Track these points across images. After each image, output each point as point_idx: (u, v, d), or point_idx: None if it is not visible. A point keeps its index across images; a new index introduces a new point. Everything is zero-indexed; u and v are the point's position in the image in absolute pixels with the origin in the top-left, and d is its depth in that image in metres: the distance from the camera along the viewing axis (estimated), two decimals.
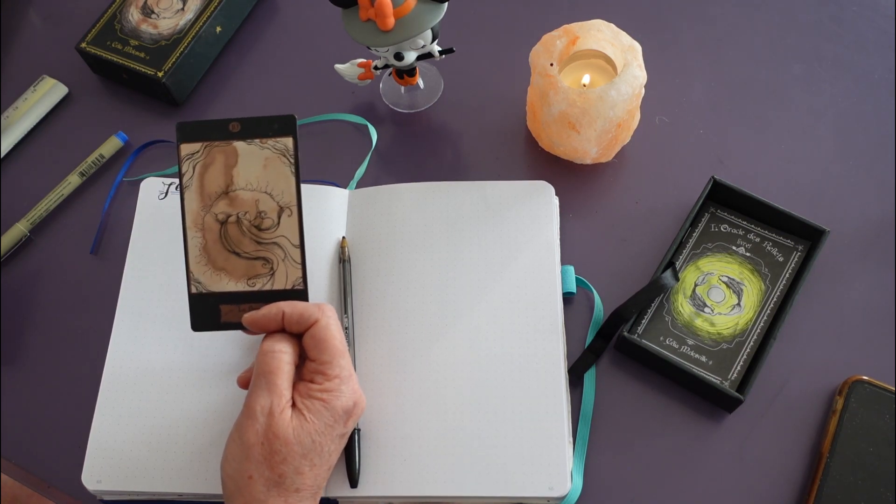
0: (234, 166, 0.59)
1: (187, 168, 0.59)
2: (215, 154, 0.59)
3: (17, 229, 0.71)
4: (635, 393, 0.64)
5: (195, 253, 0.59)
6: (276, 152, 0.59)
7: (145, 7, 0.78)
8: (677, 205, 0.71)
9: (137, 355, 0.64)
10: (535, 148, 0.73)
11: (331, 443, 0.54)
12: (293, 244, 0.59)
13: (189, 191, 0.59)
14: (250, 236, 0.59)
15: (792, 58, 0.77)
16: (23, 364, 0.67)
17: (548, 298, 0.64)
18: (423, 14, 0.63)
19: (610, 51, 0.69)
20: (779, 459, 0.61)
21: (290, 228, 0.59)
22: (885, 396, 0.61)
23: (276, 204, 0.59)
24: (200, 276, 0.59)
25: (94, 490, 0.60)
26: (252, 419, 0.53)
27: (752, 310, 0.65)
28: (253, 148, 0.59)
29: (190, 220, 0.59)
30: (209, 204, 0.59)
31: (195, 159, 0.59)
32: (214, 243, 0.59)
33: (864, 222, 0.69)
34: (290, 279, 0.58)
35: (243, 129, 0.59)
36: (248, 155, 0.59)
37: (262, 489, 0.52)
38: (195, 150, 0.59)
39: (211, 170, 0.59)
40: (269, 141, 0.59)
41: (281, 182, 0.59)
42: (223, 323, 0.58)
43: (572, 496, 0.58)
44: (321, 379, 0.55)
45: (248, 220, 0.59)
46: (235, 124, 0.59)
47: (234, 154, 0.59)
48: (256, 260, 0.59)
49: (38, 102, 0.78)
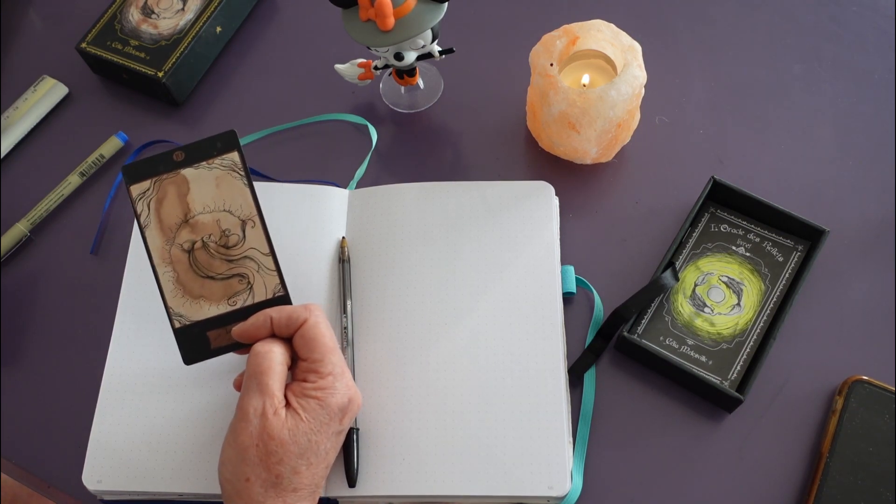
0: (188, 193, 0.59)
1: (142, 208, 0.59)
2: (166, 187, 0.59)
3: (17, 229, 0.71)
4: (635, 393, 0.64)
5: (169, 288, 0.59)
6: (225, 169, 0.59)
7: (145, 7, 0.78)
8: (677, 205, 0.71)
9: (138, 355, 0.64)
10: (535, 148, 0.73)
11: (327, 441, 0.54)
12: (263, 253, 0.59)
13: (149, 229, 0.59)
14: (220, 257, 0.59)
15: (792, 58, 0.78)
16: (23, 364, 0.67)
17: (548, 298, 0.64)
18: (423, 14, 0.63)
19: (610, 51, 0.69)
20: (779, 459, 0.61)
21: (257, 239, 0.59)
22: (885, 396, 0.61)
23: (237, 219, 0.59)
24: (180, 308, 0.58)
25: (94, 490, 0.60)
26: (245, 421, 0.53)
27: (752, 310, 0.65)
28: (201, 171, 0.59)
29: (157, 256, 0.59)
30: (171, 237, 0.59)
31: (147, 196, 0.59)
32: (186, 273, 0.59)
33: (864, 222, 0.69)
34: (270, 288, 0.59)
35: (188, 156, 0.59)
36: (198, 179, 0.59)
37: (259, 491, 0.52)
38: (145, 188, 0.59)
39: (165, 203, 0.59)
40: (216, 160, 0.59)
41: (237, 196, 0.59)
42: (214, 349, 0.58)
43: (572, 496, 0.58)
44: (314, 377, 0.55)
45: (214, 242, 0.59)
46: (179, 153, 0.59)
47: (184, 182, 0.59)
48: (232, 278, 0.59)
49: (38, 102, 0.78)
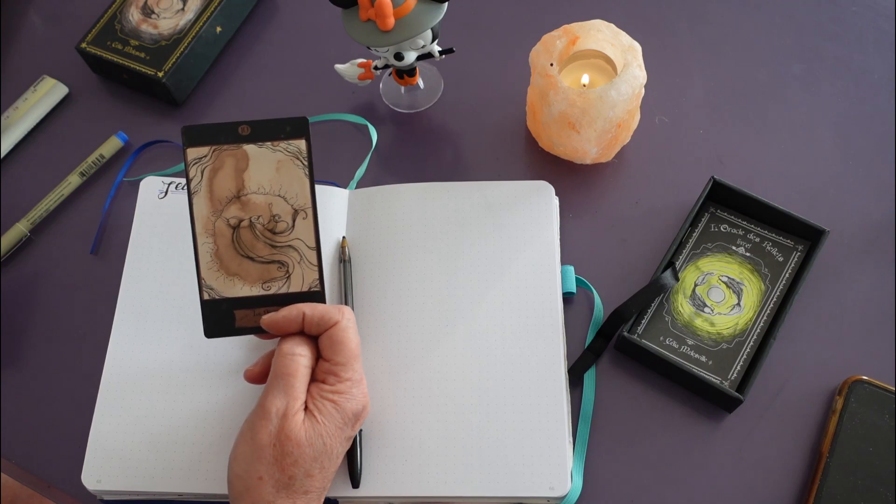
0: (245, 170, 0.58)
1: (195, 173, 0.57)
2: (224, 158, 0.57)
3: (17, 229, 0.71)
4: (635, 393, 0.64)
5: (206, 259, 0.57)
6: (289, 155, 0.58)
7: (145, 7, 0.78)
8: (677, 205, 0.71)
9: (137, 355, 0.64)
10: (535, 148, 0.73)
11: (339, 445, 0.54)
12: (309, 246, 0.58)
13: (198, 196, 0.57)
14: (264, 240, 0.58)
15: (792, 58, 0.78)
16: (23, 364, 0.67)
17: (548, 298, 0.64)
18: (423, 14, 0.63)
19: (610, 51, 0.69)
20: (779, 459, 0.61)
21: (306, 231, 0.58)
22: (885, 396, 0.61)
23: (290, 207, 0.58)
24: (213, 282, 0.57)
25: (93, 490, 0.60)
26: (266, 419, 0.53)
27: (752, 310, 0.65)
28: (264, 151, 0.58)
29: (200, 225, 0.57)
30: (220, 209, 0.58)
31: (203, 163, 0.57)
32: (227, 248, 0.58)
33: (864, 222, 0.69)
34: (307, 281, 0.58)
35: (253, 132, 0.58)
36: (259, 158, 0.58)
37: (271, 491, 0.52)
38: (203, 154, 0.57)
39: (220, 174, 0.57)
40: (281, 143, 0.58)
41: (295, 185, 0.58)
42: (238, 328, 0.57)
43: (572, 496, 0.58)
44: (333, 380, 0.55)
45: (262, 224, 0.58)
46: (245, 127, 0.57)
47: (244, 158, 0.58)
48: (271, 264, 0.58)
49: (38, 102, 0.78)
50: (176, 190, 0.70)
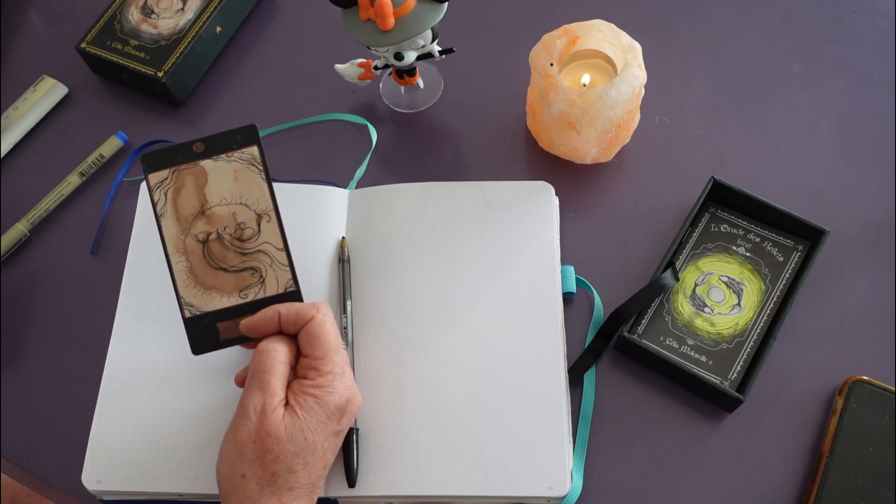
0: (206, 185, 0.59)
1: (159, 196, 0.59)
2: (184, 177, 0.59)
3: (17, 229, 0.71)
4: (635, 393, 0.64)
5: (182, 277, 0.59)
6: (244, 163, 0.59)
7: (145, 7, 0.78)
8: (677, 205, 0.71)
9: (138, 355, 0.64)
10: (535, 148, 0.73)
11: (324, 440, 0.54)
12: (277, 248, 0.59)
13: (165, 218, 0.59)
14: (234, 249, 0.59)
15: (792, 58, 0.78)
16: (23, 364, 0.67)
17: (548, 298, 0.64)
18: (423, 14, 0.63)
19: (610, 51, 0.69)
20: (779, 459, 0.61)
21: (272, 233, 0.59)
22: (885, 396, 0.61)
23: (253, 213, 0.59)
24: (191, 298, 0.58)
25: (93, 490, 0.60)
26: (245, 418, 0.53)
27: (752, 310, 0.65)
28: (220, 164, 0.59)
29: (171, 246, 0.59)
30: (187, 227, 0.59)
31: (165, 186, 0.59)
32: (199, 263, 0.59)
33: (864, 222, 0.69)
34: (281, 283, 0.59)
35: (207, 148, 0.60)
36: (216, 171, 0.59)
37: (255, 488, 0.52)
38: (164, 177, 0.59)
39: (183, 193, 0.59)
40: (235, 153, 0.59)
41: (254, 190, 0.59)
42: (223, 341, 0.58)
43: (572, 496, 0.58)
44: (314, 374, 0.55)
45: (229, 234, 0.59)
46: (199, 144, 0.60)
47: (202, 173, 0.59)
48: (244, 271, 0.59)
49: (38, 102, 0.78)
50: None
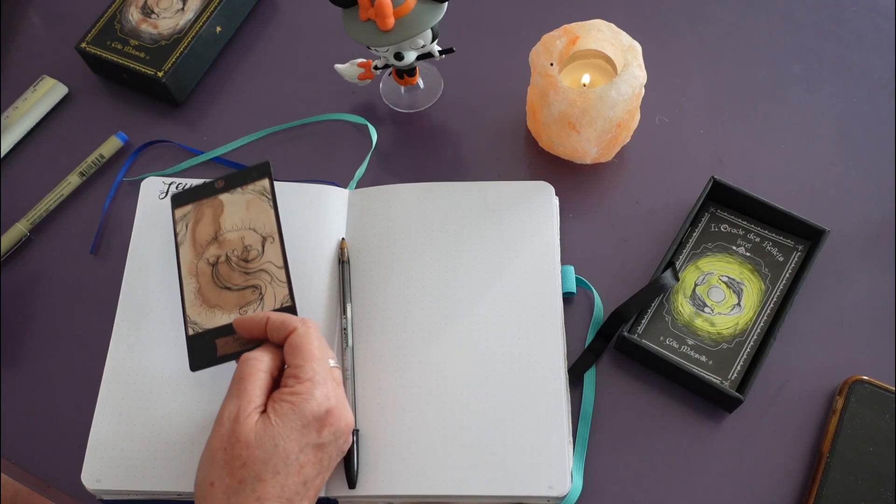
0: (221, 215, 0.65)
1: (181, 228, 0.65)
2: (204, 209, 0.65)
3: (17, 229, 0.71)
4: (635, 393, 0.64)
5: (191, 298, 0.62)
6: (256, 193, 0.65)
7: (145, 7, 0.78)
8: (677, 205, 0.71)
9: (138, 354, 0.64)
10: (535, 148, 0.73)
11: (300, 451, 0.52)
12: (277, 266, 0.62)
13: (183, 246, 0.64)
14: (239, 270, 0.63)
15: (792, 58, 0.78)
16: (23, 364, 0.67)
17: (548, 298, 0.64)
18: (423, 14, 0.63)
19: (610, 51, 0.69)
20: (779, 459, 0.61)
21: (274, 253, 0.63)
22: (885, 396, 0.61)
23: (259, 235, 0.64)
24: (196, 317, 0.62)
25: (93, 489, 0.60)
26: (220, 424, 0.53)
27: (752, 310, 0.65)
28: (236, 196, 0.65)
29: (185, 269, 0.63)
30: (201, 252, 0.64)
31: (187, 219, 0.65)
32: (208, 284, 0.63)
33: (864, 222, 0.69)
34: (279, 299, 0.61)
35: (227, 184, 0.66)
36: (232, 202, 0.65)
37: (221, 497, 0.50)
38: (187, 211, 0.66)
39: (202, 223, 0.65)
40: (249, 186, 0.66)
41: (262, 216, 0.64)
42: (220, 357, 0.60)
43: (572, 496, 0.58)
44: (293, 382, 0.54)
45: (236, 256, 0.63)
46: (220, 181, 0.66)
47: (220, 205, 0.65)
48: (246, 289, 0.62)
49: (38, 102, 0.78)
50: (177, 190, 0.70)
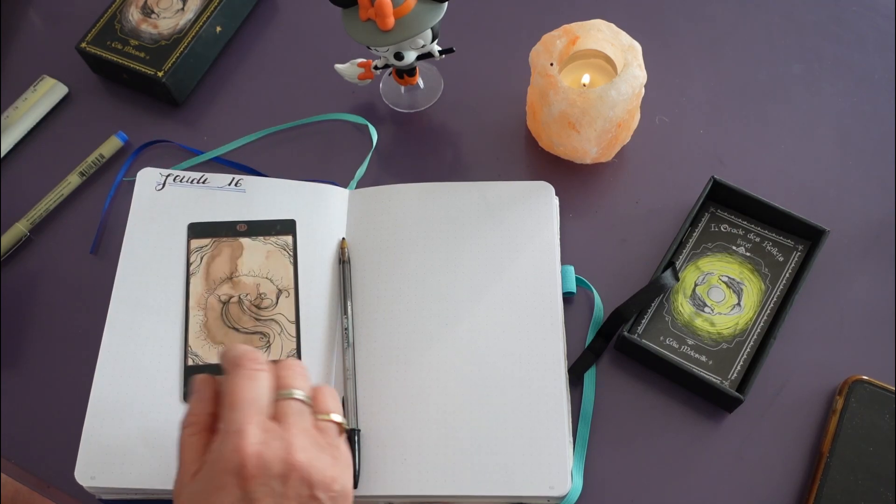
0: (240, 257, 0.67)
1: (195, 258, 0.66)
2: (222, 247, 0.67)
3: (17, 229, 0.71)
4: (635, 393, 0.64)
5: (196, 329, 0.64)
6: (278, 247, 0.67)
7: (145, 7, 0.78)
8: (677, 205, 0.71)
9: (131, 349, 0.63)
10: (535, 148, 0.73)
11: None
12: (289, 320, 0.64)
13: (195, 277, 0.66)
14: (250, 314, 0.64)
15: (792, 58, 0.77)
16: (23, 364, 0.67)
17: (548, 298, 0.64)
18: (423, 14, 0.63)
19: (610, 51, 0.69)
20: (779, 459, 0.61)
21: (288, 307, 0.65)
22: (885, 396, 0.61)
23: (275, 287, 0.65)
24: (198, 349, 0.63)
25: (87, 486, 0.59)
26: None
27: (752, 310, 0.65)
28: (257, 243, 0.67)
29: (194, 300, 0.65)
30: (213, 288, 0.65)
31: (203, 251, 0.67)
32: (215, 321, 0.64)
33: (864, 222, 0.69)
34: (285, 351, 0.63)
35: (250, 229, 0.67)
36: (252, 248, 0.67)
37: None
38: (204, 244, 0.67)
39: (218, 260, 0.66)
40: (272, 238, 0.67)
41: (281, 270, 0.66)
42: None
43: (572, 496, 0.58)
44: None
45: (249, 301, 0.65)
46: (242, 225, 0.68)
47: (239, 247, 0.67)
48: (254, 334, 0.64)
49: (38, 102, 0.77)
50: (174, 182, 0.70)
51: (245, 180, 0.70)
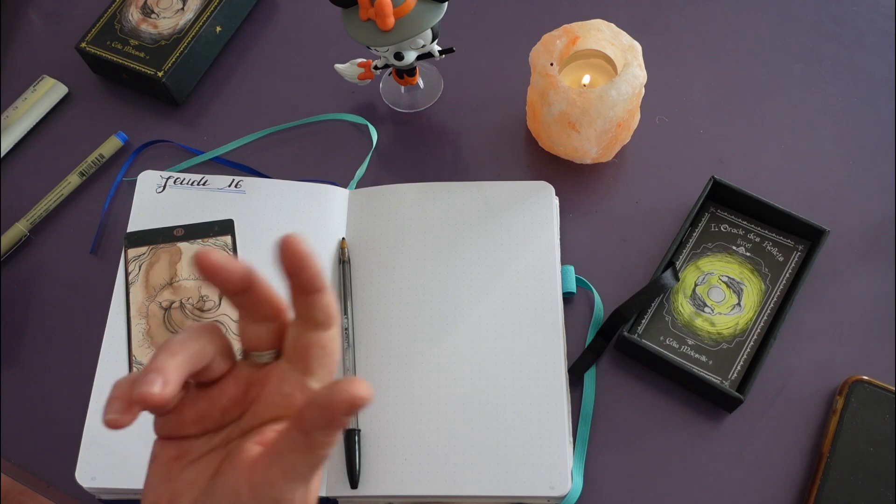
0: (178, 262, 0.67)
1: (133, 267, 0.66)
2: (160, 254, 0.67)
3: (17, 229, 0.71)
4: (635, 393, 0.64)
5: (139, 339, 0.64)
6: (217, 247, 0.66)
7: (145, 7, 0.78)
8: (677, 205, 0.71)
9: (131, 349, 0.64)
10: (535, 148, 0.73)
11: None
12: (233, 320, 0.63)
13: (134, 286, 0.66)
14: (193, 318, 0.64)
15: (792, 58, 0.77)
16: (22, 363, 0.67)
17: (548, 298, 0.64)
18: (423, 14, 0.63)
19: (610, 51, 0.69)
20: (779, 459, 0.61)
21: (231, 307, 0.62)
22: (885, 396, 0.61)
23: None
24: (143, 358, 0.63)
25: (88, 487, 0.59)
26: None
27: (752, 310, 0.65)
28: (195, 246, 0.67)
29: (134, 309, 0.65)
30: (153, 295, 0.65)
31: (141, 260, 0.67)
32: (159, 327, 0.64)
33: (864, 222, 0.69)
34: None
35: (186, 233, 0.67)
36: (190, 252, 0.67)
37: None
38: (141, 252, 0.67)
39: (156, 266, 0.66)
40: (210, 240, 0.67)
41: None
42: None
43: (573, 496, 0.58)
44: None
45: (191, 304, 0.65)
46: (179, 230, 0.67)
47: (178, 252, 0.67)
48: None
49: (38, 102, 0.77)
50: (174, 185, 0.70)
51: (245, 181, 0.70)
